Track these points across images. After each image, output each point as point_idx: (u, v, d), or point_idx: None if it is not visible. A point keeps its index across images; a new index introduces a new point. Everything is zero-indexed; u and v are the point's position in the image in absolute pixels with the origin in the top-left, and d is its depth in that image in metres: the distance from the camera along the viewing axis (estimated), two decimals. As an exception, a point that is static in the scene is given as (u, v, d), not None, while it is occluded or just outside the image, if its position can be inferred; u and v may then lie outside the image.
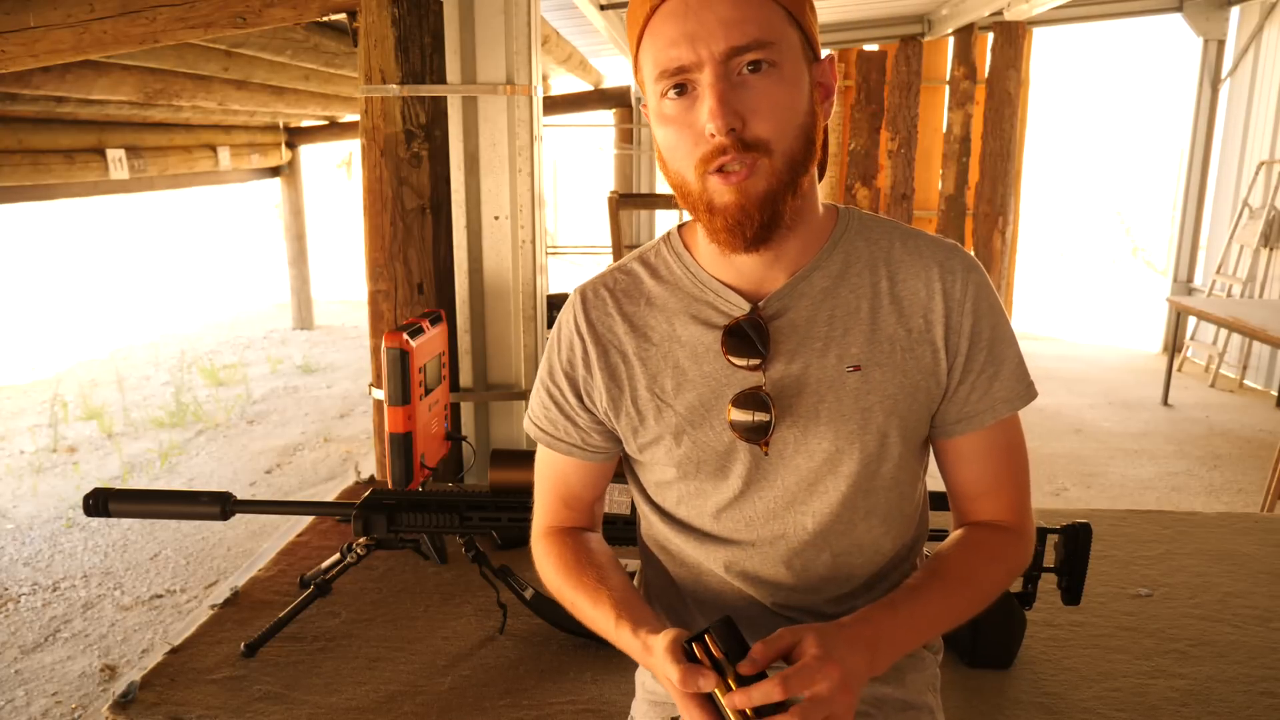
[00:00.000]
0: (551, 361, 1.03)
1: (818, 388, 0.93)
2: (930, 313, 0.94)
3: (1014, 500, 0.99)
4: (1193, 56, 6.72)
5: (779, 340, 0.93)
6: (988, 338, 0.95)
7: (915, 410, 0.95)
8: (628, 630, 0.90)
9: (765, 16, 0.83)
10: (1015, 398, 0.96)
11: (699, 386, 0.95)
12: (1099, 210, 16.12)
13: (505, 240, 2.28)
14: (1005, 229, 6.35)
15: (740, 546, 0.98)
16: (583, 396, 1.01)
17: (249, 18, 2.18)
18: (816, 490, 0.96)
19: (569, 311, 1.02)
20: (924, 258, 0.95)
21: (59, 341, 8.00)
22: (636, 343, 0.98)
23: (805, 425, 0.94)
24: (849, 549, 0.98)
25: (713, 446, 0.96)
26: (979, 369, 0.95)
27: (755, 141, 0.84)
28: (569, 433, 1.03)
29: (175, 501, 1.67)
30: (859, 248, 0.96)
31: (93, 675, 2.81)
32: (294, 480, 4.56)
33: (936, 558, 0.95)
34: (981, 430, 0.96)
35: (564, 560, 1.02)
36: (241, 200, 16.01)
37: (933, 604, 0.90)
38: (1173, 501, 4.08)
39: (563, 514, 1.08)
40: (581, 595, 0.98)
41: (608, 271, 1.03)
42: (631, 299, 0.99)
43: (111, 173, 4.78)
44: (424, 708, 1.41)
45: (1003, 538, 0.98)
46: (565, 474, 1.06)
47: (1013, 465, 0.99)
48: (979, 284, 0.95)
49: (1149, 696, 1.43)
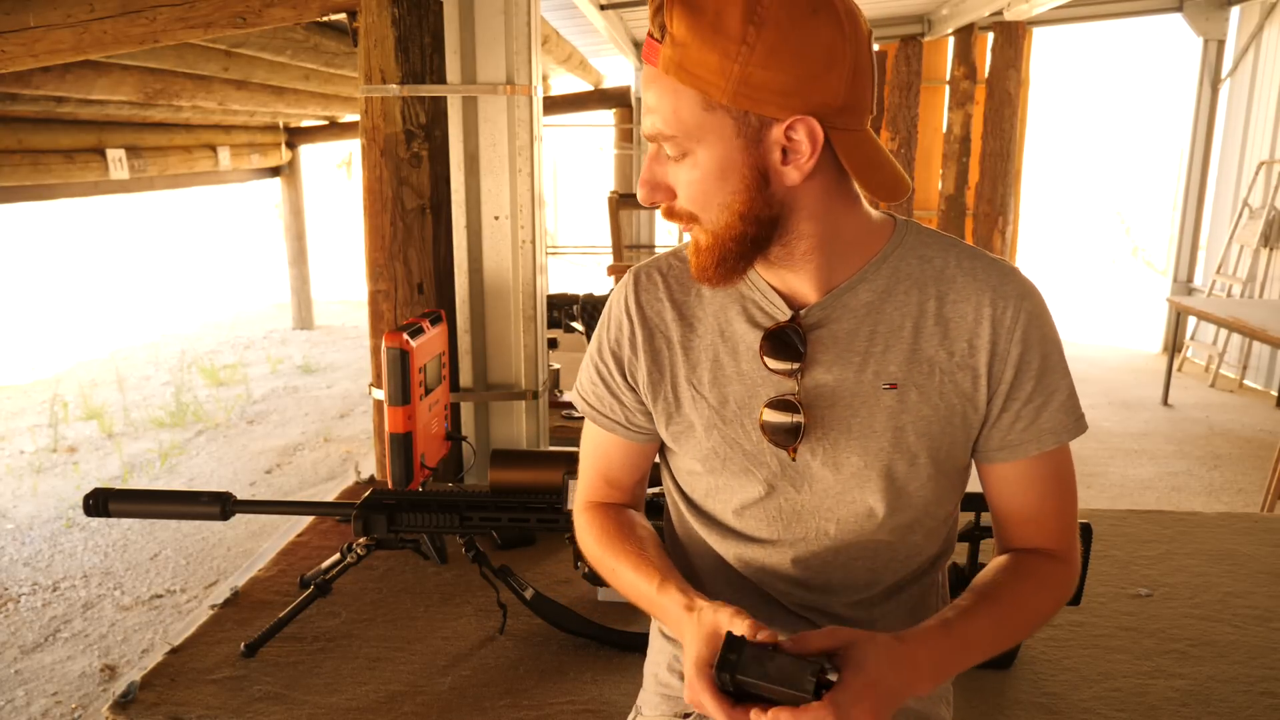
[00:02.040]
0: (600, 339, 1.04)
1: (851, 402, 0.93)
2: (976, 338, 0.92)
3: (1058, 528, 0.97)
4: (1193, 56, 6.72)
5: (817, 350, 0.93)
6: (1037, 368, 0.93)
7: (950, 434, 0.94)
8: (673, 588, 0.90)
9: (675, 105, 0.84)
10: (1063, 430, 0.94)
11: (734, 383, 0.96)
12: (1099, 210, 16.12)
13: (505, 240, 2.28)
14: (1005, 229, 6.35)
15: (760, 544, 0.99)
16: (627, 375, 1.02)
17: (249, 18, 2.18)
18: (842, 502, 0.95)
19: (621, 291, 1.03)
20: (978, 280, 0.93)
21: (59, 341, 8.00)
22: (682, 331, 0.99)
23: (835, 438, 0.94)
24: (869, 557, 0.98)
25: (741, 445, 0.96)
26: (1024, 399, 0.93)
27: (680, 212, 0.89)
28: (614, 410, 1.04)
29: (175, 501, 1.66)
30: (910, 264, 0.94)
31: (93, 675, 2.81)
32: (294, 480, 4.56)
33: (987, 581, 0.93)
34: (1026, 459, 0.95)
35: (605, 530, 1.03)
36: (241, 200, 16.00)
37: (985, 631, 0.89)
38: (1173, 501, 4.08)
39: (604, 491, 1.09)
40: (623, 561, 0.98)
41: (664, 255, 1.04)
42: (683, 287, 1.00)
43: (111, 173, 4.78)
44: (424, 708, 1.41)
45: (1049, 565, 0.96)
46: (608, 451, 1.07)
47: (1059, 494, 0.97)
48: (1031, 312, 0.93)
49: (1149, 697, 1.43)
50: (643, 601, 0.96)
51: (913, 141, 6.86)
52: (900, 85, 6.82)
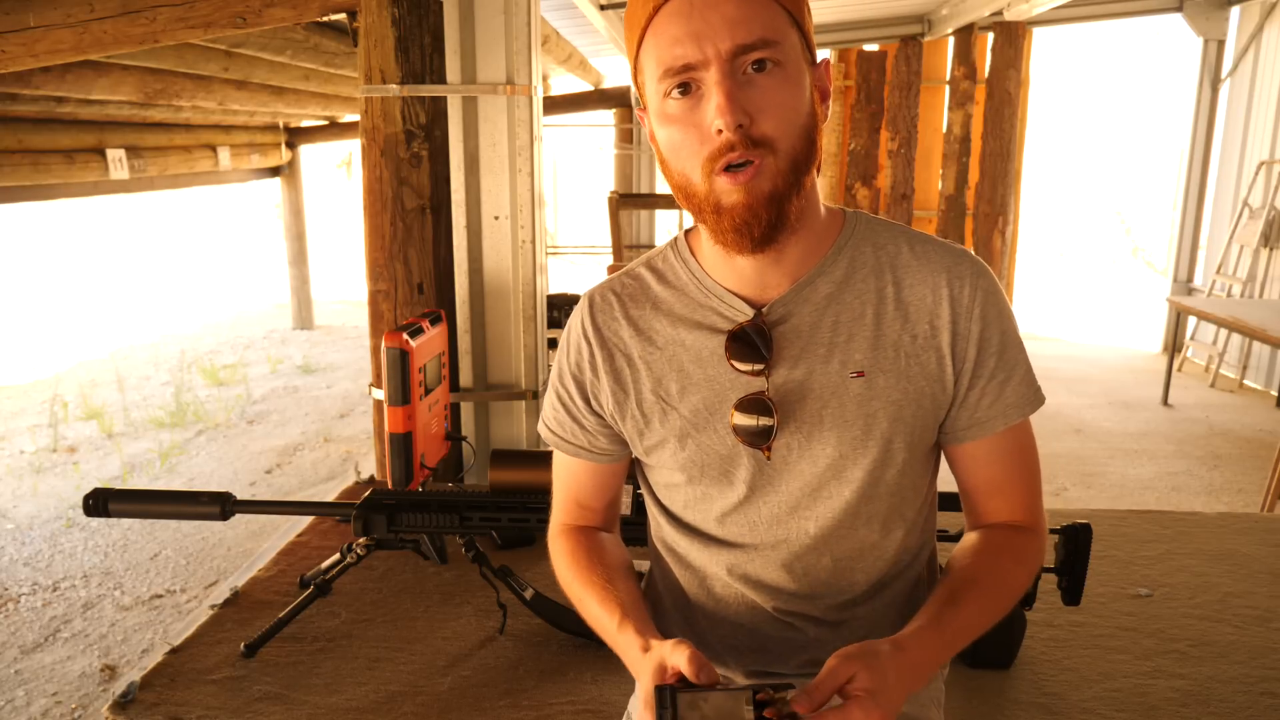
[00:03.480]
0: (561, 366, 1.04)
1: (821, 394, 0.93)
2: (936, 319, 0.94)
3: (1027, 500, 0.99)
4: (1193, 56, 6.72)
5: (782, 346, 0.94)
6: (997, 344, 0.95)
7: (920, 416, 0.95)
8: (631, 630, 0.90)
9: (769, 16, 0.83)
10: (1025, 403, 0.96)
11: (703, 390, 0.96)
12: (1099, 210, 16.12)
13: (505, 240, 2.28)
14: (1005, 229, 6.35)
15: (743, 550, 0.99)
16: (590, 399, 1.02)
17: (249, 18, 2.18)
18: (820, 496, 0.96)
19: (577, 316, 1.03)
20: (931, 263, 0.95)
21: (59, 341, 8.00)
22: (641, 346, 0.99)
23: (809, 431, 0.94)
24: (851, 555, 0.98)
25: (716, 450, 0.96)
26: (989, 375, 0.95)
27: (762, 139, 0.84)
28: (576, 435, 1.04)
29: (175, 501, 1.66)
30: (865, 253, 0.96)
31: (93, 675, 2.81)
32: (294, 480, 4.56)
33: (965, 565, 0.94)
34: (994, 435, 0.96)
35: (575, 557, 1.03)
36: (241, 200, 16.00)
37: (972, 615, 0.90)
38: (1173, 501, 4.08)
39: (577, 513, 1.09)
40: (589, 592, 0.98)
41: (616, 277, 1.04)
42: (637, 303, 1.00)
43: (111, 173, 4.78)
44: (424, 708, 1.41)
45: (1022, 539, 0.97)
46: (577, 475, 1.08)
47: (1024, 466, 0.99)
48: (987, 290, 0.95)
49: (1149, 697, 1.43)
50: (604, 636, 0.96)
51: (913, 141, 6.86)
52: (900, 85, 6.82)
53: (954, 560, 0.96)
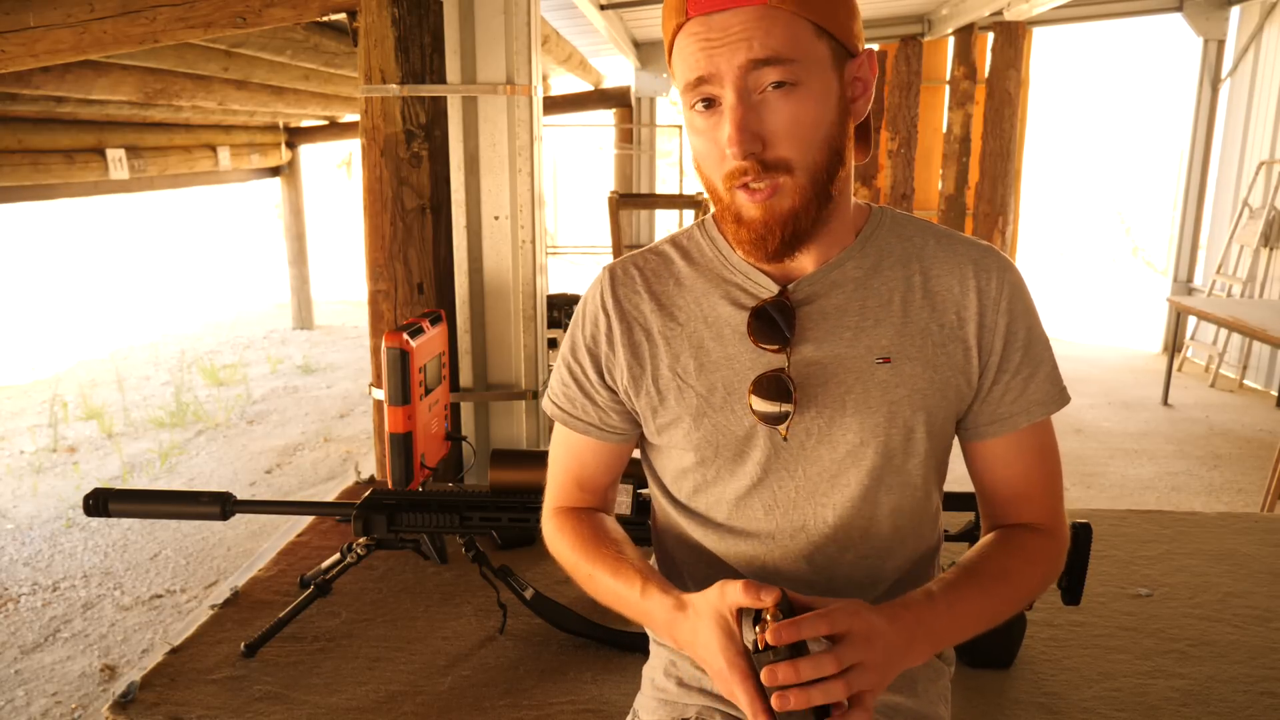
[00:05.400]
0: (574, 338, 1.02)
1: (845, 377, 0.92)
2: (964, 310, 0.93)
3: (1047, 503, 0.98)
4: (1193, 56, 6.72)
5: (807, 326, 0.93)
6: (1023, 339, 0.94)
7: (944, 406, 0.94)
8: (656, 591, 0.89)
9: (788, 31, 0.81)
10: (1050, 401, 0.95)
11: (721, 368, 0.95)
12: (1099, 210, 16.12)
13: (505, 240, 2.28)
14: (1005, 229, 6.35)
15: (760, 540, 0.96)
16: (604, 373, 1.00)
17: (249, 18, 2.18)
18: (838, 482, 0.94)
19: (596, 288, 1.02)
20: (959, 256, 0.95)
21: (59, 341, 7.99)
22: (662, 321, 0.98)
23: (830, 415, 0.93)
24: (870, 549, 0.96)
25: (732, 430, 0.94)
26: (1014, 370, 0.94)
27: (777, 163, 0.84)
28: (587, 411, 1.02)
29: (175, 501, 1.66)
30: (892, 244, 0.96)
31: (93, 675, 2.81)
32: (294, 480, 4.56)
33: (972, 557, 0.93)
34: (1015, 433, 0.95)
35: (580, 535, 1.01)
36: (241, 200, 16.00)
37: (970, 600, 0.88)
38: (1173, 501, 4.08)
39: (576, 495, 1.07)
40: (600, 567, 0.96)
41: (639, 252, 1.03)
42: (660, 279, 0.99)
43: (111, 173, 4.78)
44: (424, 708, 1.41)
45: (1038, 540, 0.96)
46: (581, 454, 1.05)
47: (1046, 467, 0.98)
48: (1015, 284, 0.94)
49: (1149, 697, 1.43)
50: (624, 607, 0.94)
51: (913, 141, 6.86)
52: (900, 85, 6.82)
53: (965, 555, 0.95)
